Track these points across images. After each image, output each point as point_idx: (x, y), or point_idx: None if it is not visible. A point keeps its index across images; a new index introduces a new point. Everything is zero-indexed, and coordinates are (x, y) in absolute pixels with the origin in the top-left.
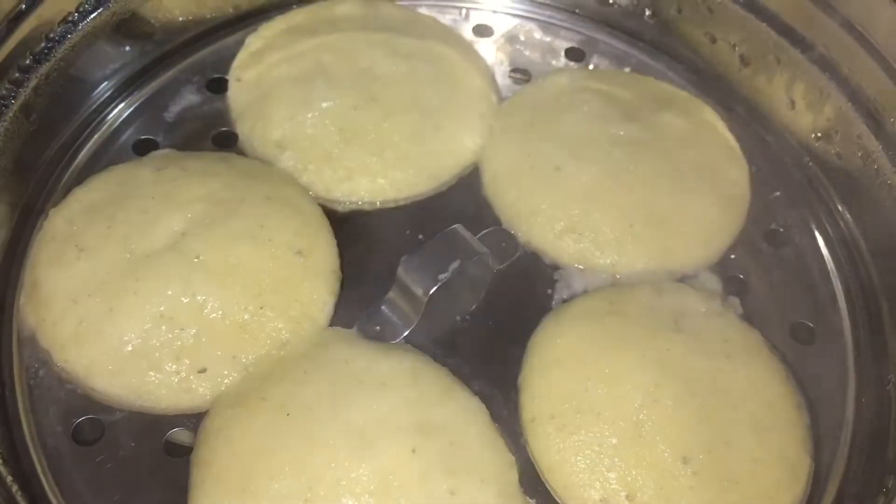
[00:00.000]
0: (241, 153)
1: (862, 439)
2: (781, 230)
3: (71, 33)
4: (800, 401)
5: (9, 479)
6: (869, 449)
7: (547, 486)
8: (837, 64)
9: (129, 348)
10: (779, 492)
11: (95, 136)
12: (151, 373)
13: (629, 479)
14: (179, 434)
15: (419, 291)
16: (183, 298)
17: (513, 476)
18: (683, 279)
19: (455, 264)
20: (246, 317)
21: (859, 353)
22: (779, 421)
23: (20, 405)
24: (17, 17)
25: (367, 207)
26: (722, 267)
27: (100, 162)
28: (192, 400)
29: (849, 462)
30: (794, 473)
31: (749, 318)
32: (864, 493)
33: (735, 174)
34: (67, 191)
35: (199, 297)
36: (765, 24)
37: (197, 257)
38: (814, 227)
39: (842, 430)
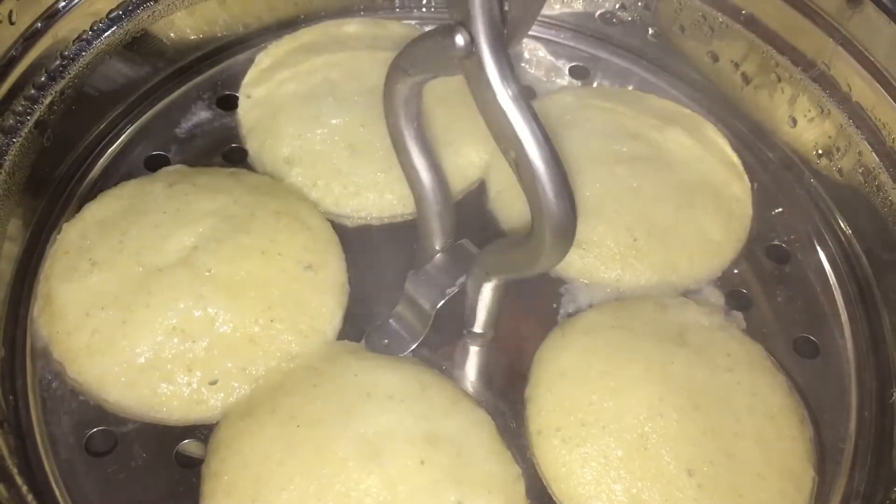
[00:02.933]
0: (251, 169)
1: (865, 452)
2: (784, 246)
3: (85, 51)
4: (803, 414)
5: (24, 488)
6: (872, 461)
7: (553, 497)
8: (838, 82)
9: (142, 360)
10: None
11: (108, 152)
12: (163, 384)
13: (634, 490)
14: (190, 445)
15: (427, 305)
16: (194, 311)
17: (519, 488)
18: (687, 294)
19: (462, 278)
20: (256, 330)
21: (862, 367)
22: (782, 434)
23: (33, 416)
24: (32, 35)
25: (375, 222)
26: (725, 282)
27: (112, 177)
28: (203, 411)
29: (852, 474)
30: (797, 486)
31: (752, 332)
32: None
33: (737, 190)
34: (80, 205)
35: (210, 311)
36: (766, 42)
37: (208, 271)
38: (816, 242)
39: (845, 442)
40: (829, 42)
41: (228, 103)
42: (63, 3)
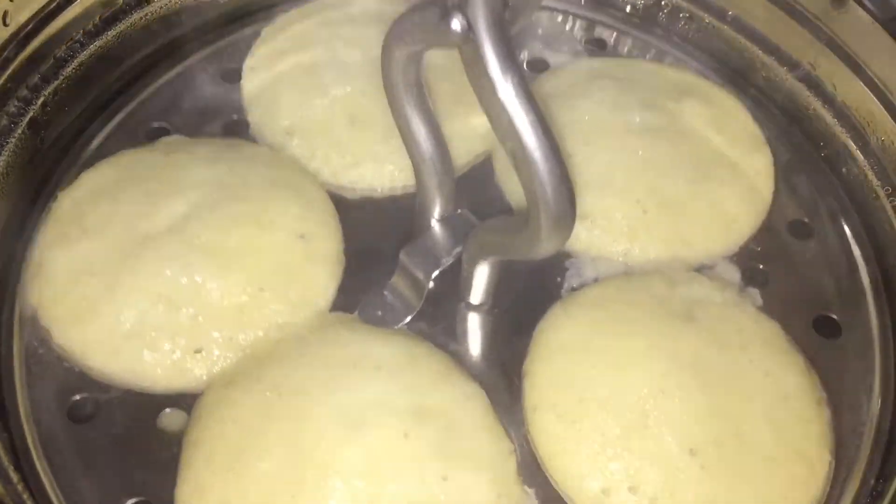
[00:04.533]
0: (253, 141)
1: (886, 437)
2: (807, 221)
3: (78, 53)
4: (821, 396)
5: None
6: (894, 446)
7: (547, 475)
8: (823, 82)
9: (126, 327)
10: (795, 490)
11: (109, 124)
12: (147, 352)
13: (632, 470)
14: (174, 414)
15: (421, 275)
16: (181, 279)
17: (510, 464)
18: (701, 269)
19: (458, 249)
20: (244, 299)
21: (886, 348)
22: (796, 416)
23: (17, 382)
24: (26, 37)
25: (375, 194)
26: (742, 257)
27: (112, 148)
28: (187, 380)
29: (871, 459)
30: (811, 470)
31: (769, 310)
32: (888, 492)
33: (758, 163)
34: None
35: (197, 278)
36: (751, 42)
37: (198, 238)
38: (842, 219)
39: (865, 426)
40: (815, 42)
41: (233, 76)
42: (56, 5)
